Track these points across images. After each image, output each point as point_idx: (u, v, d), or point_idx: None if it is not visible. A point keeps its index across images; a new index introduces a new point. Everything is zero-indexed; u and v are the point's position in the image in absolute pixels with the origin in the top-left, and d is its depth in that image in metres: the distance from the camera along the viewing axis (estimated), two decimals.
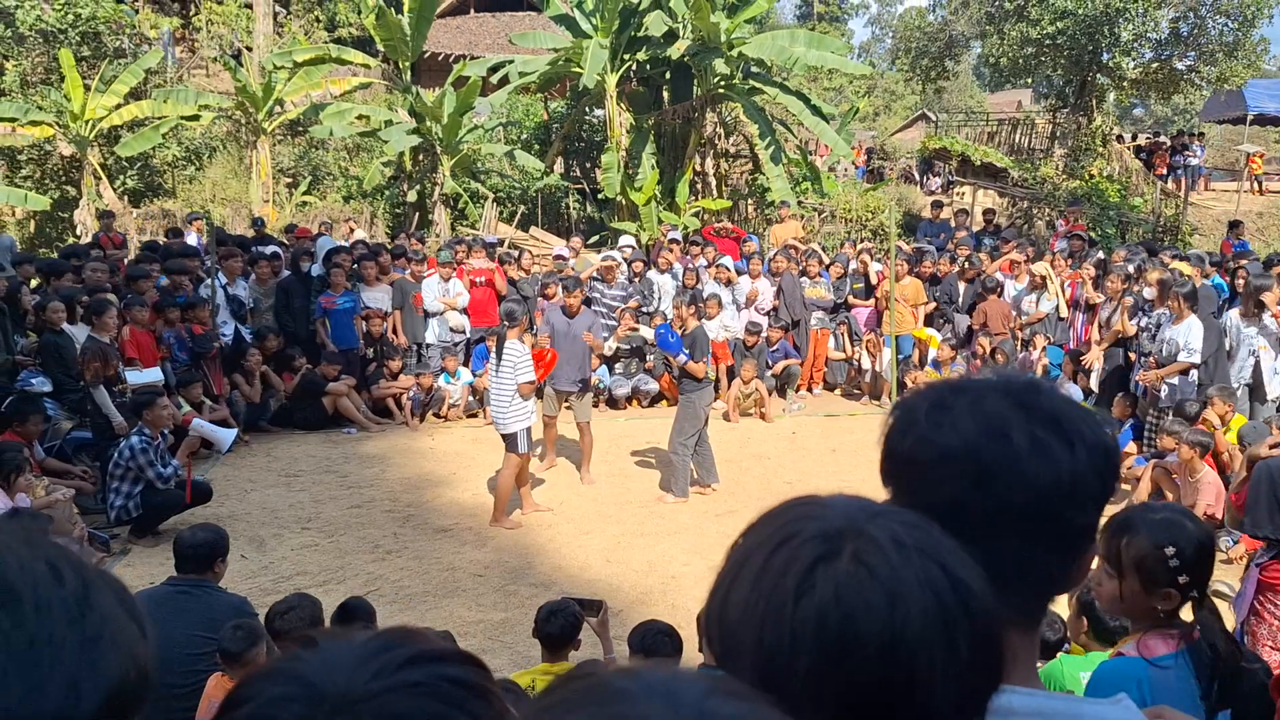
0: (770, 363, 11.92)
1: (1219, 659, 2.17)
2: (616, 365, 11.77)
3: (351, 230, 15.83)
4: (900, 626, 0.76)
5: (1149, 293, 9.45)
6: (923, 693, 0.77)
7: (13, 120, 17.00)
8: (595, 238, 18.48)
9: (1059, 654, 3.74)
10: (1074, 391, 9.52)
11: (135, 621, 0.74)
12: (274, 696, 0.71)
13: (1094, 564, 1.42)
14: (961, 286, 12.10)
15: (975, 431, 1.03)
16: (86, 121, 17.40)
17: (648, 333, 11.57)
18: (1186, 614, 2.26)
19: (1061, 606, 3.94)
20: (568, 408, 9.29)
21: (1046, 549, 1.05)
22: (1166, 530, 2.16)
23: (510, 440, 7.80)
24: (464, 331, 11.96)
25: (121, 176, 19.13)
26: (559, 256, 13.16)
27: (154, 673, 0.75)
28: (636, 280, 12.32)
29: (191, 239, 13.68)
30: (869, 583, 0.77)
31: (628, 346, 11.64)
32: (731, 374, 11.68)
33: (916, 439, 1.06)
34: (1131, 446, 8.85)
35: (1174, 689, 2.12)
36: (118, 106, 17.61)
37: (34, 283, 10.75)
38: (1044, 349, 10.72)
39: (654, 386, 11.77)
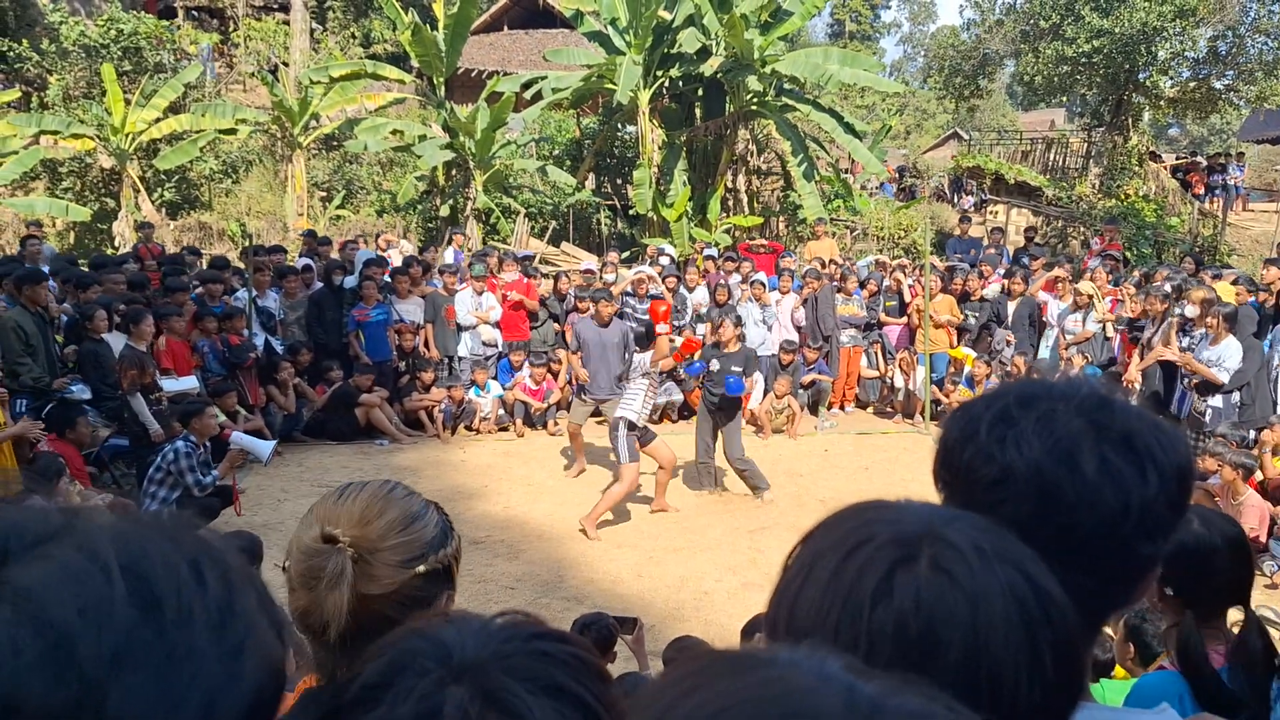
0: (804, 376, 11.89)
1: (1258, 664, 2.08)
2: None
3: (387, 244, 15.92)
4: (984, 634, 0.73)
5: (1190, 311, 9.32)
6: (1005, 703, 0.74)
7: (55, 133, 17.27)
8: (627, 253, 18.51)
9: (1101, 679, 3.67)
10: None
11: (275, 627, 0.70)
12: (414, 653, 0.77)
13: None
14: (1010, 306, 11.96)
15: (1041, 451, 0.98)
16: (126, 135, 17.66)
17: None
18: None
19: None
20: (600, 422, 9.27)
21: (1110, 577, 1.00)
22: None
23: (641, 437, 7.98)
24: (496, 345, 11.99)
25: (160, 189, 19.38)
26: (587, 271, 13.18)
27: (287, 679, 0.72)
28: (671, 296, 12.31)
29: (395, 256, 13.77)
30: (950, 589, 0.74)
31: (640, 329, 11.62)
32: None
33: (977, 452, 1.01)
34: None
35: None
36: (157, 120, 17.85)
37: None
38: (1082, 368, 10.59)
39: (679, 398, 11.75)
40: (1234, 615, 2.23)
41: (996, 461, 0.99)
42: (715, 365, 8.63)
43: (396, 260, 13.27)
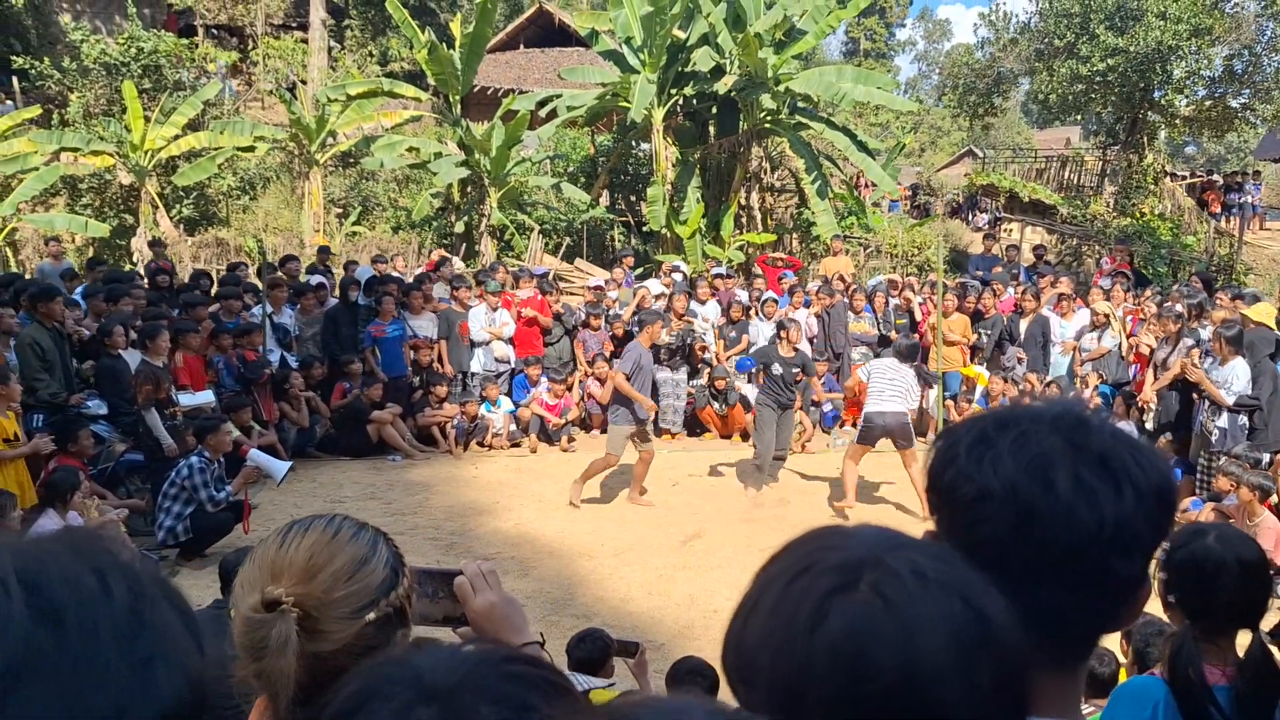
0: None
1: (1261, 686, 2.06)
2: (663, 354, 11.72)
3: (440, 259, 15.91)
4: (915, 659, 0.75)
5: (1205, 333, 9.28)
6: None
7: (75, 150, 17.48)
8: (640, 270, 18.55)
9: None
10: (1129, 429, 9.33)
11: (192, 636, 0.69)
12: (385, 679, 0.79)
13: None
14: (1023, 324, 11.93)
15: (1016, 471, 0.99)
16: (146, 152, 17.85)
17: (700, 325, 11.92)
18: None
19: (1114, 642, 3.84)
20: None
21: (1090, 594, 1.01)
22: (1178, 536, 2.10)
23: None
24: (509, 361, 12.01)
25: (178, 205, 19.56)
26: (596, 288, 13.20)
27: (211, 691, 0.70)
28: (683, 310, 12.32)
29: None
30: (884, 615, 0.76)
31: (676, 343, 11.63)
32: None
33: (956, 473, 1.03)
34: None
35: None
36: (176, 137, 18.04)
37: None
38: (1095, 387, 10.54)
39: (680, 403, 11.76)
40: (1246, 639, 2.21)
41: (975, 481, 1.01)
42: (777, 369, 9.21)
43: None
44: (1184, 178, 25.86)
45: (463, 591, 1.58)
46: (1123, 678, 3.59)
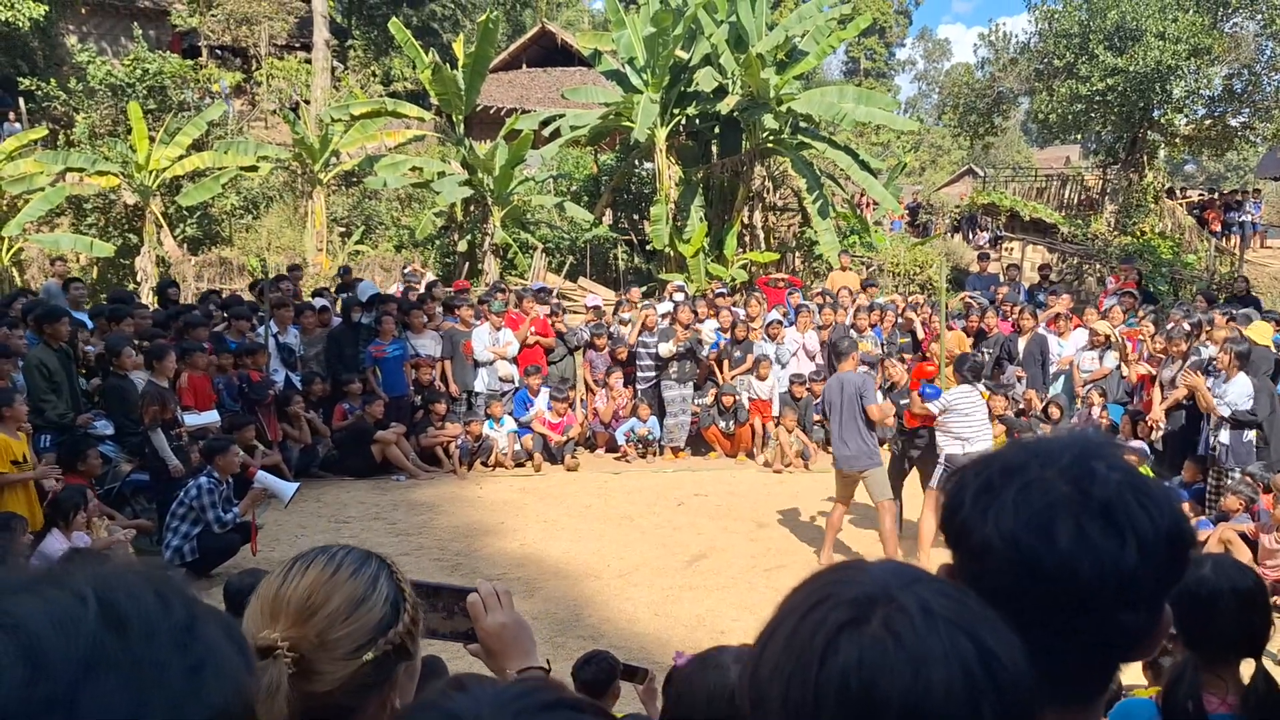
0: (816, 413, 11.87)
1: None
2: (671, 368, 11.73)
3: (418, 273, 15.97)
4: (922, 695, 0.76)
5: (1207, 352, 9.28)
6: None
7: (80, 170, 17.51)
8: (643, 289, 18.60)
9: None
10: (1139, 448, 9.30)
11: (242, 655, 0.76)
12: None
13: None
14: (1021, 343, 11.93)
15: (1017, 524, 0.99)
16: (150, 172, 17.90)
17: (707, 335, 11.83)
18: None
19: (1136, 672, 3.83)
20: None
21: (1093, 643, 1.01)
22: None
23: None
24: (513, 381, 12.01)
25: (182, 225, 19.62)
26: (594, 307, 13.20)
27: (255, 707, 0.77)
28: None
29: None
30: (893, 650, 0.78)
31: (683, 350, 11.64)
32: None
33: (962, 523, 1.05)
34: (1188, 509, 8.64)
35: None
36: (180, 158, 18.08)
37: None
38: (1104, 406, 10.52)
39: (687, 418, 11.76)
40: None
41: (976, 534, 1.02)
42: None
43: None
44: (1191, 193, 25.92)
45: (474, 610, 1.59)
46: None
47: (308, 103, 23.55)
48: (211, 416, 9.15)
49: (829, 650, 0.79)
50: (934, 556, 7.45)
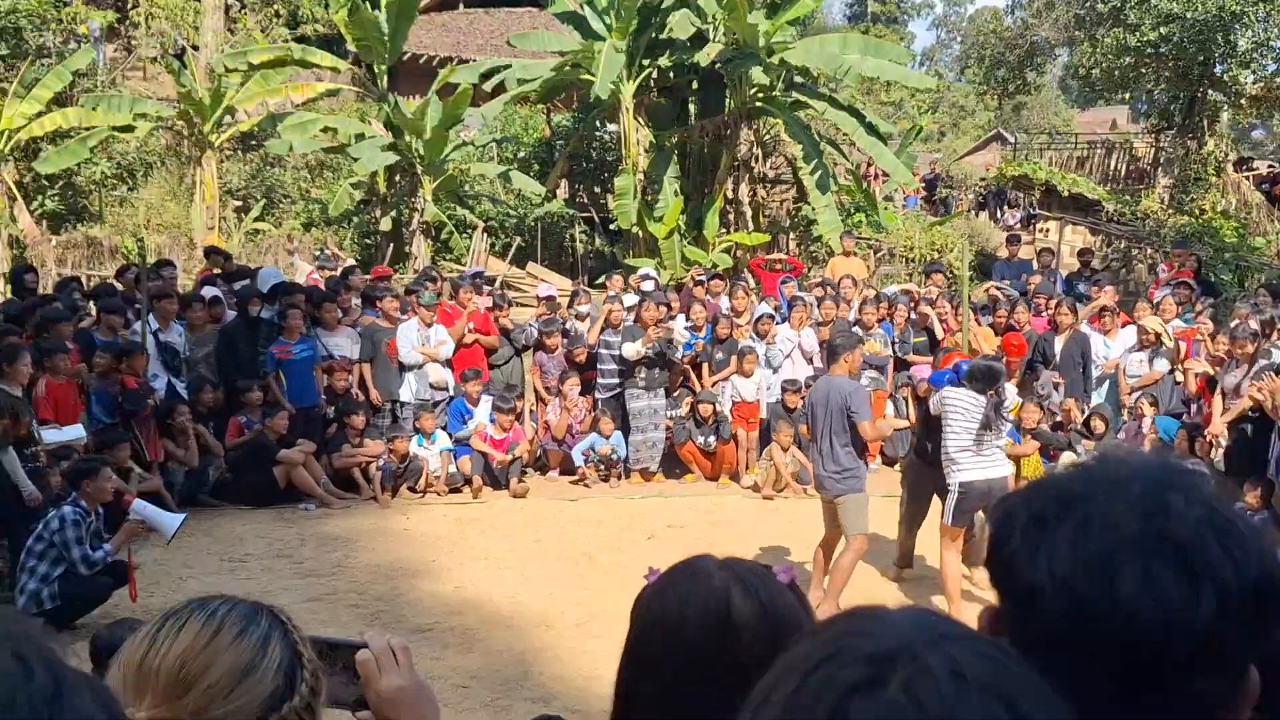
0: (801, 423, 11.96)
1: None
2: (640, 372, 11.72)
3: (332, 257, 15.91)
4: None
5: (1278, 354, 9.42)
6: None
7: None
8: (602, 277, 18.60)
9: None
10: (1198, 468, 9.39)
11: None
12: None
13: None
14: (1058, 343, 12.03)
15: (1073, 565, 0.98)
16: (2, 132, 17.68)
17: (679, 334, 11.86)
18: None
19: None
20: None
21: (1166, 713, 0.99)
22: None
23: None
24: (447, 388, 11.95)
25: (40, 197, 19.39)
26: (547, 298, 13.17)
27: None
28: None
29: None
30: (914, 718, 0.76)
31: (653, 353, 11.63)
32: (765, 440, 11.69)
33: (1009, 559, 1.04)
34: None
35: None
36: (39, 115, 17.87)
37: None
38: (1153, 420, 10.64)
39: (660, 434, 11.79)
40: None
41: (1025, 574, 1.01)
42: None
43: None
44: (1253, 167, 26.33)
45: (365, 670, 1.54)
46: None
47: (196, 49, 23.35)
48: (76, 432, 9.03)
49: (837, 718, 0.77)
50: (965, 610, 7.33)
